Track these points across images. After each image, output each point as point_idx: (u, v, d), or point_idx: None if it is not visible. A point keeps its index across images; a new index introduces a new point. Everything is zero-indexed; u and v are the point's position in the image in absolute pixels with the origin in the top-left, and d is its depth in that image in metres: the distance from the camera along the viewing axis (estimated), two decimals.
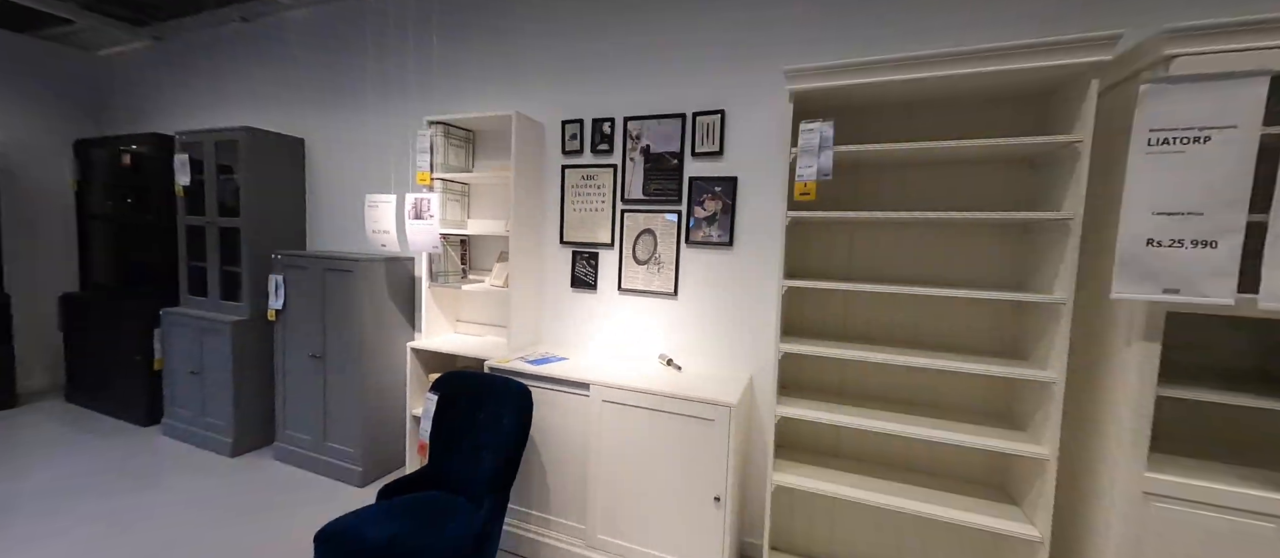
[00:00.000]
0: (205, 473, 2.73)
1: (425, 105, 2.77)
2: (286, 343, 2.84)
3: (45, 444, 2.99)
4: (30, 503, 2.37)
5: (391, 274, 2.75)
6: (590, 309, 2.48)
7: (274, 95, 3.32)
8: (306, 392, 2.79)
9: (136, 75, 3.91)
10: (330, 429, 2.74)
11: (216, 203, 3.01)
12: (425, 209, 2.29)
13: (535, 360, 2.22)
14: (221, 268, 3.06)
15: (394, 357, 2.79)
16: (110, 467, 2.75)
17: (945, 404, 1.86)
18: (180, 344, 3.07)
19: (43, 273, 3.83)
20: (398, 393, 2.82)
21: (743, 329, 2.18)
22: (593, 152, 2.41)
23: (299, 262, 2.74)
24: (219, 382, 2.93)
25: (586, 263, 2.46)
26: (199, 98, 3.64)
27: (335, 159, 3.13)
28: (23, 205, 3.70)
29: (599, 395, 1.96)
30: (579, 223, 2.46)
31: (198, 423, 3.04)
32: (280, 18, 3.22)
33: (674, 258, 2.27)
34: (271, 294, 2.82)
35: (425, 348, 2.50)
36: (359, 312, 2.58)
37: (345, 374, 2.65)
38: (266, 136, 3.00)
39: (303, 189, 3.25)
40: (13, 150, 3.60)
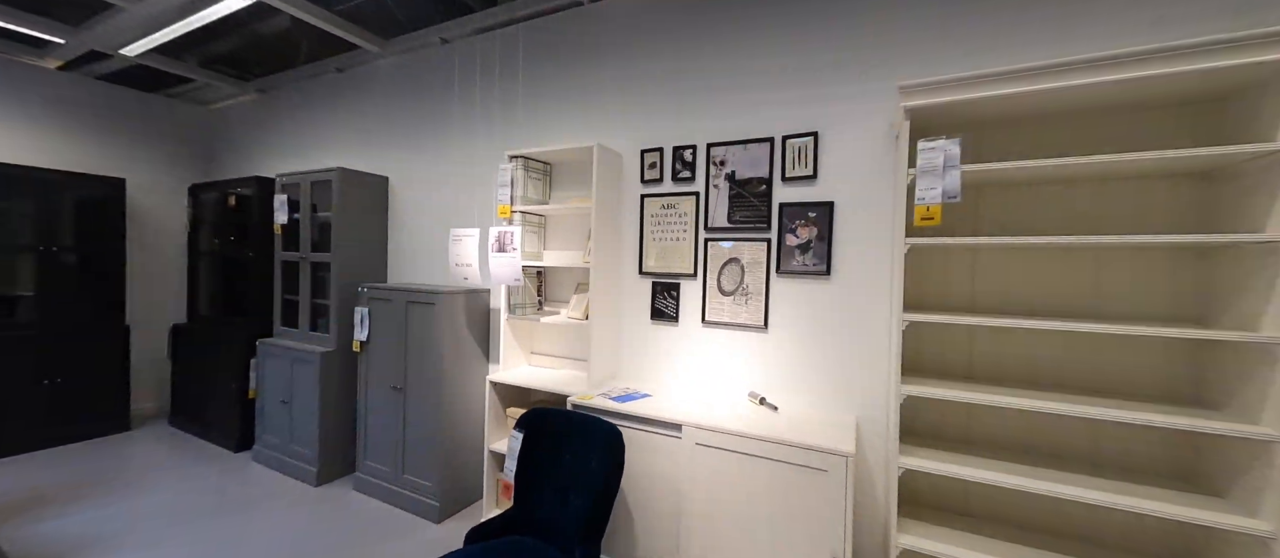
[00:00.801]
0: (292, 503, 2.79)
1: (507, 141, 2.83)
2: (369, 374, 2.90)
3: (152, 468, 3.18)
4: (139, 527, 2.49)
5: (470, 307, 2.78)
6: (672, 343, 2.37)
7: (362, 137, 3.52)
8: (387, 423, 2.82)
9: (243, 125, 4.29)
10: (408, 461, 2.74)
11: (309, 239, 3.18)
12: (508, 242, 2.29)
13: (619, 397, 2.12)
14: (312, 300, 3.21)
15: (471, 389, 2.78)
16: (207, 493, 2.87)
17: (1105, 461, 1.59)
18: (273, 374, 3.22)
19: (158, 306, 4.20)
20: (475, 426, 2.81)
21: (844, 367, 1.99)
22: (673, 180, 2.35)
23: (383, 294, 2.82)
24: (306, 411, 3.03)
25: (667, 295, 2.37)
26: (296, 142, 3.93)
27: (416, 195, 3.25)
28: (146, 244, 4.09)
29: (692, 438, 1.83)
30: (659, 253, 2.38)
31: (286, 451, 3.14)
32: (372, 66, 3.45)
33: (763, 289, 2.14)
34: (357, 326, 2.91)
35: (503, 381, 2.47)
36: (439, 344, 2.60)
37: (424, 406, 2.66)
38: (355, 176, 3.17)
39: (385, 225, 3.39)
40: (140, 195, 4.01)
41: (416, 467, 2.71)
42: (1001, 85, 1.45)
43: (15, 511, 2.58)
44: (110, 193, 3.66)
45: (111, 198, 3.67)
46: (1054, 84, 1.39)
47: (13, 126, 3.49)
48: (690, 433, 1.83)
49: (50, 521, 2.51)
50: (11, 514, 2.55)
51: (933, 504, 1.78)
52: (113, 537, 2.38)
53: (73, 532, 2.41)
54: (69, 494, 2.78)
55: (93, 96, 3.84)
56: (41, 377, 3.33)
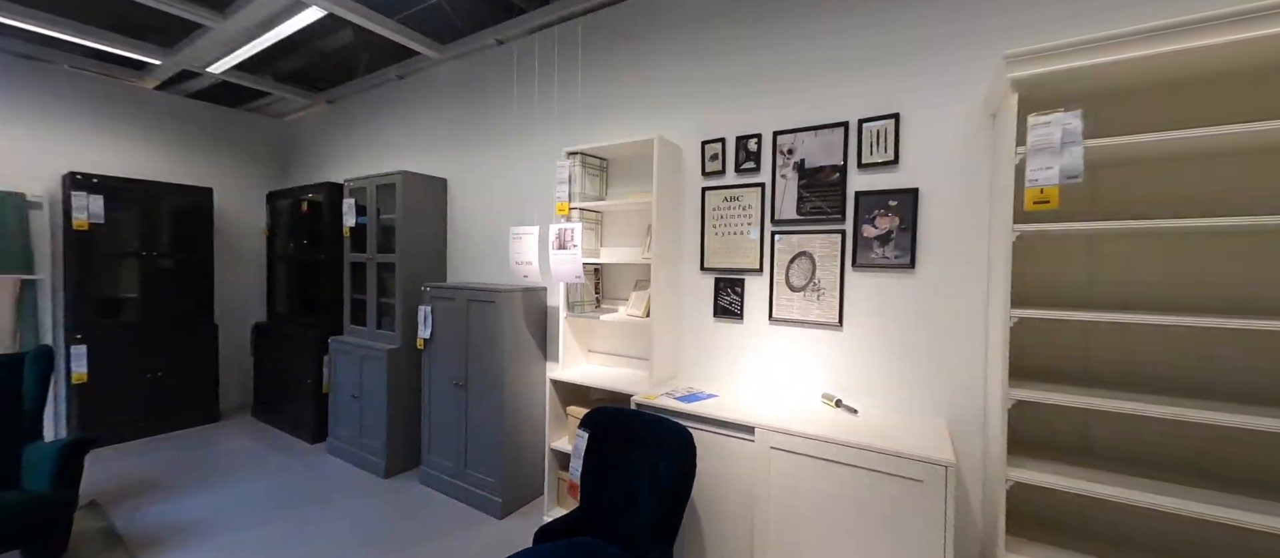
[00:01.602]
0: (363, 494, 2.90)
1: (565, 137, 2.81)
2: (433, 371, 2.98)
3: (239, 458, 3.40)
4: (229, 515, 2.66)
5: (528, 305, 2.79)
6: (736, 341, 2.27)
7: (422, 141, 3.63)
8: (450, 418, 2.89)
9: (313, 133, 4.54)
10: (471, 457, 2.79)
11: (376, 241, 3.31)
12: (568, 239, 2.27)
13: (684, 397, 2.05)
14: (378, 300, 3.34)
15: (531, 386, 2.80)
16: (286, 483, 3.03)
17: (1254, 476, 1.37)
18: (343, 370, 3.38)
19: (241, 306, 4.52)
20: (535, 423, 2.82)
21: (931, 368, 1.84)
22: (736, 171, 2.25)
23: (445, 293, 2.88)
24: (375, 406, 3.15)
25: (731, 291, 2.28)
26: (362, 148, 4.11)
27: (473, 196, 3.31)
28: (230, 248, 4.40)
29: (766, 441, 1.73)
30: (722, 248, 2.29)
31: (356, 444, 3.28)
32: (430, 72, 3.54)
33: (837, 283, 2.01)
34: (421, 324, 2.99)
35: (563, 379, 2.46)
36: (499, 341, 2.62)
37: (485, 403, 2.70)
38: (416, 179, 3.27)
39: (445, 226, 3.47)
40: (224, 203, 4.33)
41: (479, 463, 2.75)
42: (1130, 47, 1.27)
43: (127, 494, 2.83)
44: (200, 202, 3.96)
45: (201, 206, 3.97)
46: (1200, 42, 1.20)
47: (119, 142, 3.84)
48: (764, 436, 1.74)
49: (156, 505, 2.72)
50: (125, 497, 2.79)
51: (1043, 523, 1.60)
52: (206, 524, 2.56)
53: (173, 518, 2.61)
54: (172, 481, 3.01)
55: (183, 113, 4.17)
56: (145, 371, 3.65)
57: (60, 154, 3.57)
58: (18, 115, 3.40)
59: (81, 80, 3.67)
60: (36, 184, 3.46)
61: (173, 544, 2.36)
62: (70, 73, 3.61)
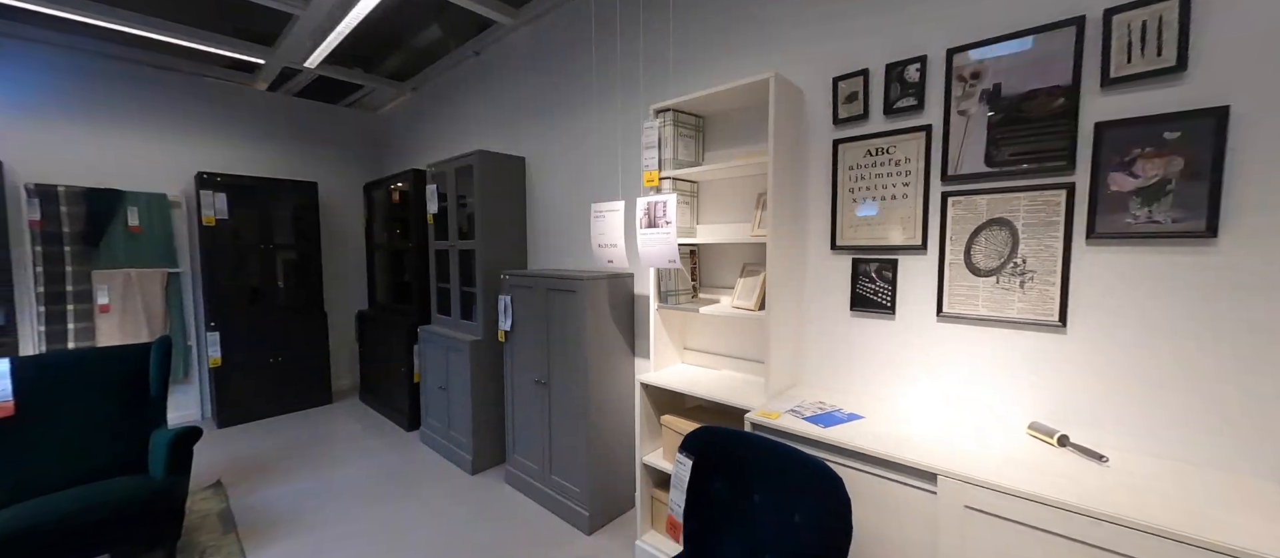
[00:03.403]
0: (451, 492, 2.79)
1: (653, 94, 2.37)
2: (514, 366, 2.76)
3: (343, 441, 3.52)
4: (331, 503, 2.67)
5: (614, 293, 2.43)
6: (884, 343, 1.71)
7: (499, 119, 3.41)
8: (533, 418, 2.65)
9: (401, 123, 4.59)
10: (556, 462, 2.53)
11: (456, 227, 3.16)
12: (660, 215, 1.85)
13: (816, 418, 1.55)
14: (460, 289, 3.20)
15: (619, 387, 2.46)
16: (384, 472, 3.03)
17: None
18: (432, 360, 3.31)
19: (346, 294, 4.75)
20: (623, 428, 2.49)
21: (1251, 396, 1.15)
22: (887, 113, 1.66)
23: (524, 281, 2.62)
24: (461, 399, 3.03)
25: (877, 276, 1.70)
26: (444, 133, 4.03)
27: (552, 173, 3.01)
28: (335, 239, 4.62)
29: (957, 495, 1.19)
30: (863, 219, 1.72)
31: (445, 436, 3.21)
32: (506, 43, 3.29)
33: (1058, 264, 1.36)
34: (501, 315, 2.78)
35: (655, 383, 2.06)
36: (582, 335, 2.30)
37: (570, 405, 2.41)
38: (493, 158, 3.04)
39: (524, 208, 3.23)
40: (328, 197, 4.53)
41: (564, 469, 2.48)
42: None
43: (247, 475, 2.99)
44: (307, 196, 4.15)
45: (308, 200, 4.15)
46: None
47: (238, 142, 4.12)
48: (954, 489, 1.19)
49: (269, 488, 2.83)
50: (244, 478, 2.95)
51: None
52: (308, 513, 2.57)
53: (282, 503, 2.67)
54: (285, 463, 3.15)
55: (290, 111, 4.39)
56: (268, 356, 3.92)
57: (191, 156, 3.89)
58: (156, 122, 3.74)
59: (204, 86, 3.95)
60: (174, 185, 3.80)
61: (278, 533, 2.38)
62: (195, 80, 3.90)
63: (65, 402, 2.20)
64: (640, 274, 2.51)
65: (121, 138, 3.59)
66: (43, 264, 3.22)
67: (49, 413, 2.15)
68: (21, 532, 1.76)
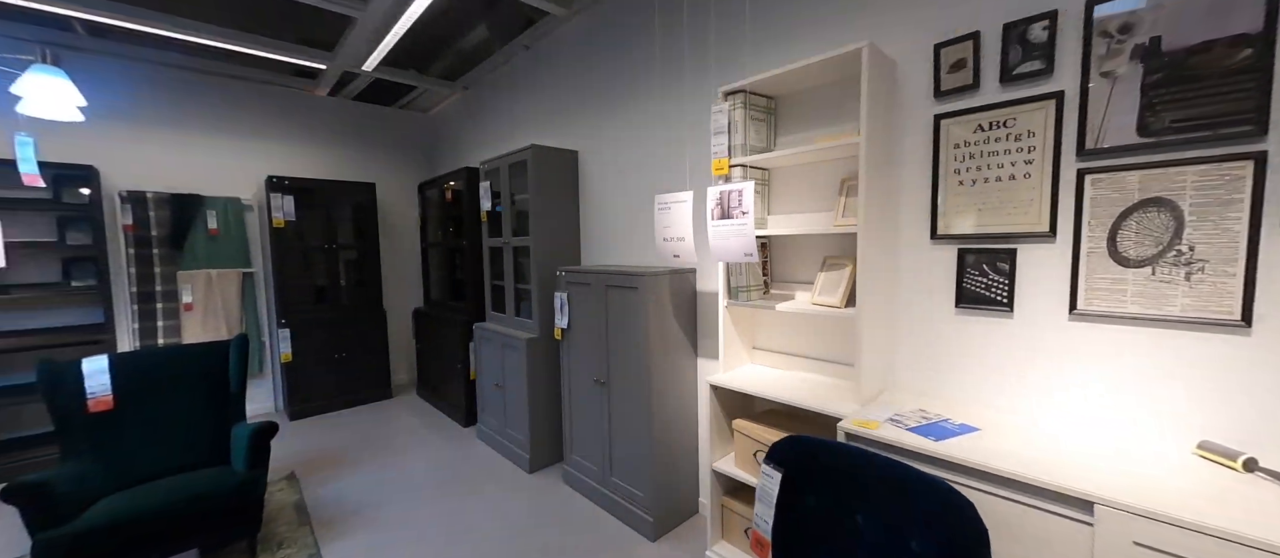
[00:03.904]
0: (510, 489, 2.77)
1: (725, 74, 2.20)
2: (572, 365, 2.70)
3: (403, 435, 3.59)
4: (394, 497, 2.71)
5: (676, 290, 2.31)
6: (997, 344, 1.50)
7: (552, 112, 3.36)
8: (592, 418, 2.58)
9: (453, 122, 4.64)
10: (616, 463, 2.45)
11: (510, 224, 3.13)
12: (734, 205, 1.71)
13: (925, 428, 1.37)
14: (515, 286, 3.18)
15: (681, 388, 2.35)
16: (442, 467, 3.05)
17: None
18: (487, 358, 3.31)
19: (403, 292, 4.88)
20: (687, 430, 2.38)
21: None
22: (1003, 80, 1.44)
23: (582, 278, 2.55)
24: (517, 397, 3.01)
25: (990, 268, 1.50)
26: (495, 131, 4.03)
27: (608, 165, 2.92)
28: (391, 239, 4.75)
29: (1121, 530, 0.99)
30: (972, 203, 1.52)
31: (502, 433, 3.21)
32: (557, 35, 3.22)
33: (1241, 251, 1.12)
34: (557, 312, 2.72)
35: (726, 385, 1.93)
36: (643, 334, 2.20)
37: (630, 406, 2.31)
38: (547, 153, 2.98)
39: (577, 203, 3.17)
40: (385, 197, 4.65)
41: (625, 471, 2.39)
42: None
43: (318, 467, 3.09)
44: (366, 196, 4.27)
45: (367, 201, 4.27)
46: None
47: (303, 147, 4.29)
48: (1118, 521, 1.00)
49: (337, 481, 2.91)
50: (316, 470, 3.05)
51: None
52: (373, 505, 2.61)
53: (349, 495, 2.73)
54: (351, 456, 3.24)
55: (348, 114, 4.53)
56: (333, 352, 4.06)
57: (262, 161, 4.07)
58: (230, 129, 3.93)
59: (272, 94, 4.12)
60: (247, 189, 3.99)
61: (348, 526, 2.42)
62: (264, 88, 4.08)
63: (156, 396, 2.31)
64: (704, 270, 2.38)
65: (200, 145, 3.80)
66: (135, 266, 3.45)
67: (142, 407, 2.27)
68: (124, 520, 1.84)
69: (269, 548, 2.24)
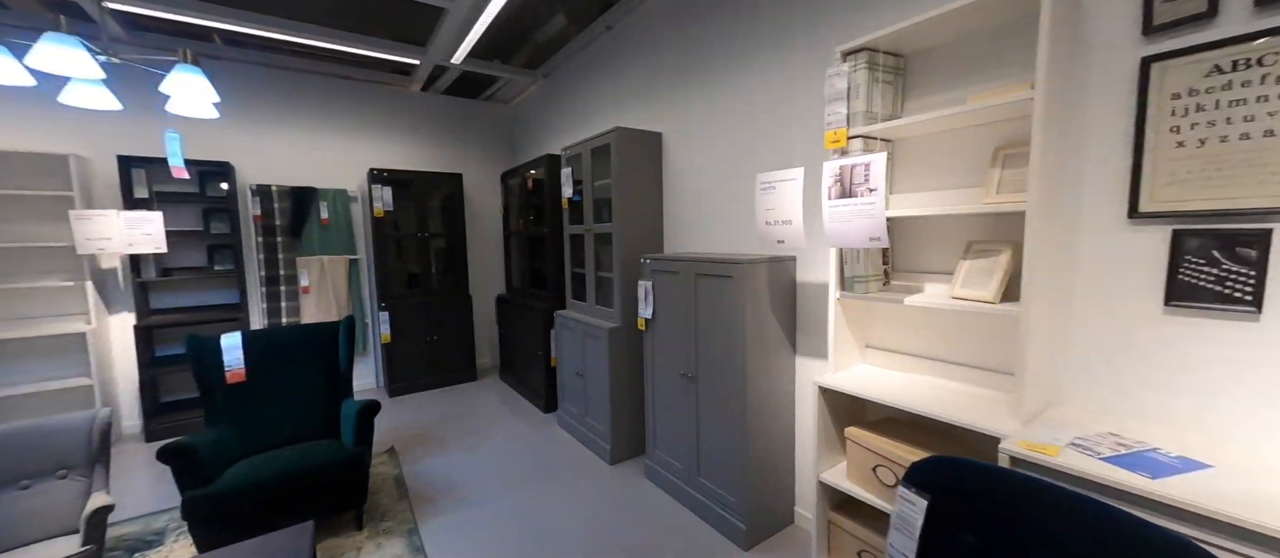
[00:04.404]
0: (592, 480, 2.73)
1: (852, 30, 1.90)
2: (656, 356, 2.58)
3: (489, 417, 3.70)
4: (482, 479, 2.78)
5: (774, 279, 2.10)
6: (1233, 354, 1.14)
7: (633, 95, 3.24)
8: (677, 414, 2.45)
9: (535, 111, 4.69)
10: (704, 464, 2.30)
11: (592, 210, 3.06)
12: (859, 181, 1.47)
13: (1122, 460, 1.08)
14: (596, 274, 3.11)
15: (778, 386, 2.14)
16: (525, 452, 3.09)
17: None
18: (568, 346, 3.30)
19: (487, 279, 5.06)
20: (783, 432, 2.18)
21: None
22: (1258, 5, 1.07)
23: (668, 266, 2.41)
24: (598, 387, 2.95)
25: (1225, 255, 1.14)
26: (576, 117, 4.00)
27: (696, 145, 2.74)
28: (476, 227, 4.92)
29: None
30: (1198, 170, 1.16)
31: (583, 422, 3.18)
32: (640, 11, 3.08)
33: None
34: (641, 301, 2.61)
35: (837, 388, 1.70)
36: (739, 326, 2.01)
37: (722, 402, 2.15)
38: (631, 135, 2.86)
39: (660, 188, 3.03)
40: (471, 188, 4.82)
41: (714, 472, 2.24)
42: None
43: (414, 444, 3.26)
44: (454, 187, 4.44)
45: (455, 191, 4.44)
46: None
47: (399, 141, 4.54)
48: None
49: (431, 459, 3.04)
50: (412, 446, 3.22)
51: None
52: (463, 486, 2.69)
53: (442, 473, 2.84)
54: (443, 435, 3.39)
55: (438, 108, 4.72)
56: (426, 335, 4.29)
57: (364, 154, 4.36)
58: (338, 125, 4.24)
59: (372, 92, 4.39)
60: (352, 181, 4.29)
61: (440, 504, 2.50)
62: (366, 86, 4.35)
63: (279, 371, 2.51)
64: (807, 258, 2.14)
65: (312, 140, 4.14)
66: (263, 252, 3.84)
67: (268, 380, 2.48)
68: (255, 485, 2.01)
69: (373, 520, 2.37)
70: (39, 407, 3.19)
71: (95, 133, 3.34)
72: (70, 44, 1.57)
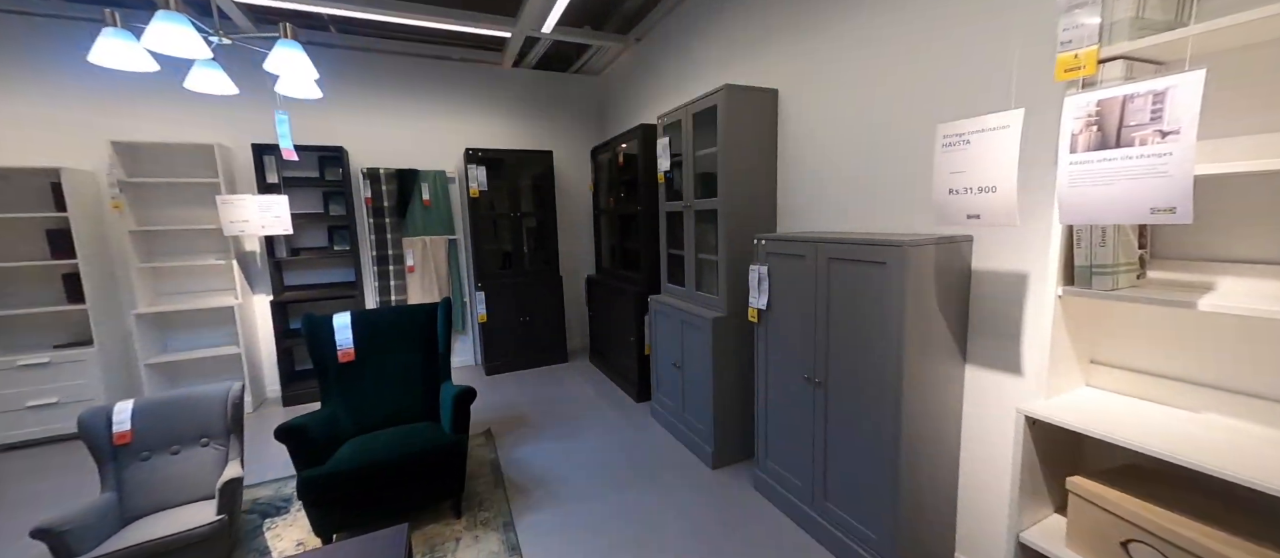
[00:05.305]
0: (693, 486, 2.46)
1: None
2: (770, 354, 2.21)
3: (580, 403, 3.58)
4: (576, 474, 2.63)
5: (943, 266, 1.62)
6: None
7: (740, 48, 2.80)
8: (797, 423, 2.07)
9: (625, 80, 4.40)
10: (832, 485, 1.91)
11: (692, 184, 2.71)
12: (1138, 122, 0.96)
13: None
14: (696, 256, 2.78)
15: (941, 402, 1.68)
16: (619, 445, 2.91)
17: None
18: (664, 334, 3.03)
19: (577, 259, 4.96)
20: (944, 464, 1.74)
21: None
22: None
23: (790, 247, 2.01)
24: (699, 381, 2.65)
25: None
26: (671, 79, 3.64)
27: (823, 99, 2.26)
28: (566, 205, 4.81)
29: None
30: None
31: (680, 418, 2.92)
32: None
33: None
34: (753, 289, 2.23)
35: (1054, 421, 1.21)
36: (893, 326, 1.57)
37: (861, 418, 1.73)
38: (743, 94, 2.45)
39: (774, 155, 2.59)
40: (561, 166, 4.69)
41: (847, 498, 1.85)
42: None
43: (507, 427, 3.22)
44: (544, 165, 4.32)
45: (545, 169, 4.33)
46: None
47: (491, 119, 4.51)
48: None
49: (525, 445, 2.97)
50: (506, 429, 3.18)
51: None
52: (561, 480, 2.55)
53: (536, 461, 2.74)
54: (536, 418, 3.32)
55: (528, 84, 4.62)
56: (519, 315, 4.29)
57: (460, 134, 4.39)
58: (436, 106, 4.29)
59: (466, 71, 4.37)
60: (450, 162, 4.35)
61: (536, 497, 2.39)
62: (460, 66, 4.34)
63: (383, 351, 2.53)
64: (991, 241, 1.62)
65: (414, 123, 4.22)
66: (373, 233, 4.02)
67: (373, 360, 2.50)
68: (360, 469, 2.00)
69: (470, 508, 2.31)
70: (198, 371, 3.63)
71: (233, 123, 3.63)
72: (179, 22, 1.54)
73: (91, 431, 1.93)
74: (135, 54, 1.62)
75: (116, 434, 1.96)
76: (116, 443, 1.95)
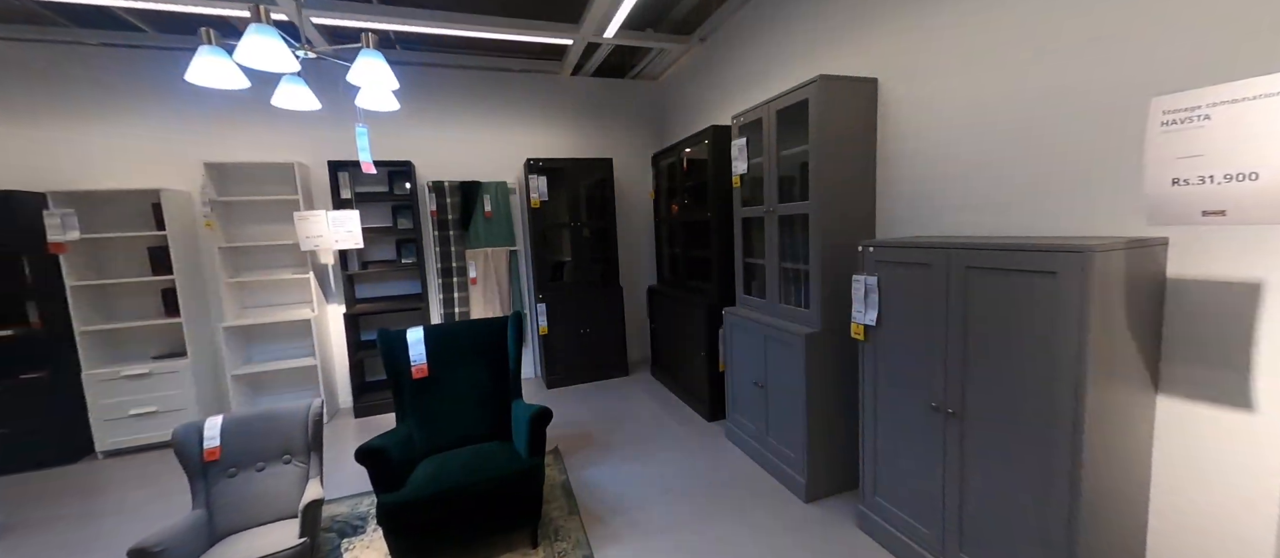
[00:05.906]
0: (786, 520, 2.21)
1: None
2: (880, 375, 1.94)
3: (647, 421, 3.40)
4: (651, 498, 2.44)
5: (1132, 275, 1.32)
6: None
7: (824, 40, 2.56)
8: (920, 457, 1.78)
9: (687, 82, 4.24)
10: (972, 535, 1.62)
11: (777, 187, 2.48)
12: None
13: None
14: (779, 264, 2.54)
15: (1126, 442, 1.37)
16: (696, 471, 2.69)
17: None
18: (742, 349, 2.80)
19: (637, 269, 4.81)
20: (1130, 513, 1.41)
21: None
22: None
23: (909, 256, 1.74)
24: (787, 404, 2.40)
25: None
26: (738, 80, 3.44)
27: (932, 86, 1.99)
28: (626, 214, 4.68)
29: None
30: None
31: (762, 441, 2.67)
32: None
33: None
34: (858, 302, 1.97)
35: None
36: (1067, 348, 1.29)
37: (1016, 458, 1.44)
38: (838, 86, 2.21)
39: (872, 153, 2.32)
40: (620, 174, 4.57)
41: (990, 547, 1.54)
42: None
43: (575, 445, 3.08)
44: (604, 173, 4.21)
45: (605, 177, 4.22)
46: None
47: (551, 128, 4.46)
48: None
49: (595, 466, 2.81)
50: (574, 448, 3.04)
51: None
52: (637, 506, 2.37)
53: (608, 486, 2.57)
54: (603, 437, 3.17)
55: (588, 92, 4.54)
56: (578, 327, 4.17)
57: (520, 145, 4.36)
58: (497, 117, 4.28)
59: (526, 80, 4.35)
60: (510, 173, 4.32)
61: (614, 526, 2.22)
62: (521, 76, 4.32)
63: (456, 367, 2.45)
64: (1201, 243, 1.30)
65: (476, 134, 4.23)
66: (438, 246, 4.04)
67: (445, 377, 2.43)
68: (437, 495, 1.90)
69: (547, 537, 2.16)
70: (278, 383, 3.74)
71: (311, 141, 3.75)
72: (270, 34, 1.50)
73: (184, 446, 1.94)
74: (228, 71, 1.61)
75: (207, 450, 1.96)
76: (206, 459, 1.95)
